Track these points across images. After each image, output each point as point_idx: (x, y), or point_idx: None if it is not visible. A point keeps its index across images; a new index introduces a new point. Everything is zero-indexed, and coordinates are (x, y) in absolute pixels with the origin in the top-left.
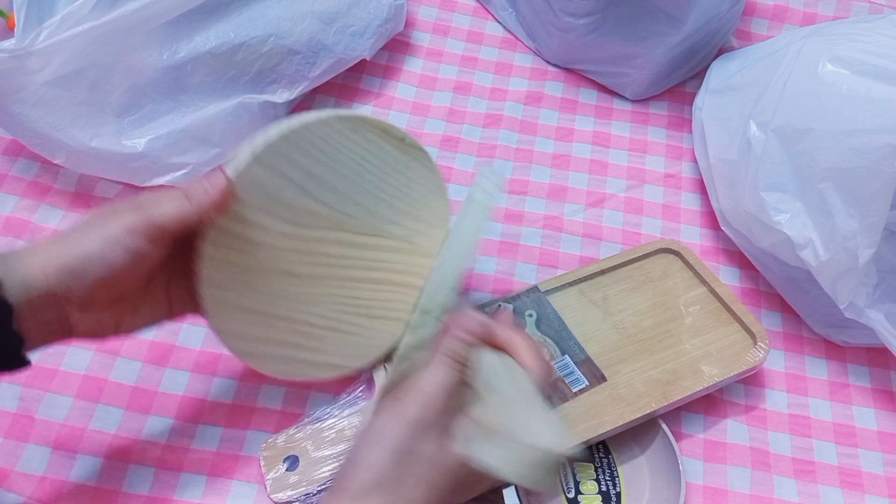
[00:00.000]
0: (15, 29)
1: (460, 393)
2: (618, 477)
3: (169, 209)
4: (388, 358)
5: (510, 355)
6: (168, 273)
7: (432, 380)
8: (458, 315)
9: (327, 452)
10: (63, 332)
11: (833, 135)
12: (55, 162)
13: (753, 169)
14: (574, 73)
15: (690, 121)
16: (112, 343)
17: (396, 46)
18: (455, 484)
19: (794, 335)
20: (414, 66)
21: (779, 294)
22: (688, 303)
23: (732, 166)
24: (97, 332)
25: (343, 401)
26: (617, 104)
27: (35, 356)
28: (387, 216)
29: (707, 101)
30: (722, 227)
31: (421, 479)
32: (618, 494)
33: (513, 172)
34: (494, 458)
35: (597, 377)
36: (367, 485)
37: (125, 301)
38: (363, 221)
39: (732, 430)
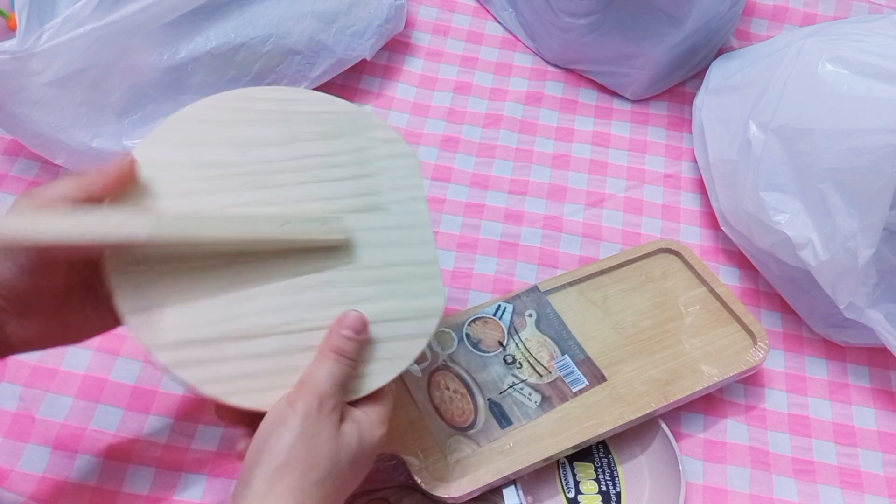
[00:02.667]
0: (17, 30)
1: (349, 382)
2: (618, 477)
3: (56, 191)
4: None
5: None
6: (87, 274)
7: (322, 373)
8: (343, 314)
9: None
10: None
11: (833, 135)
12: (56, 162)
13: (753, 169)
14: (574, 73)
15: (690, 121)
16: (112, 343)
17: (396, 46)
18: (352, 461)
19: (793, 335)
20: (414, 66)
21: (779, 294)
22: (688, 303)
23: (732, 166)
24: (36, 341)
25: None
26: (617, 104)
27: (35, 356)
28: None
29: (707, 101)
30: (722, 227)
31: (323, 458)
32: (618, 494)
33: (513, 172)
34: None
35: (597, 377)
36: (277, 467)
37: (53, 298)
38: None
39: (732, 429)
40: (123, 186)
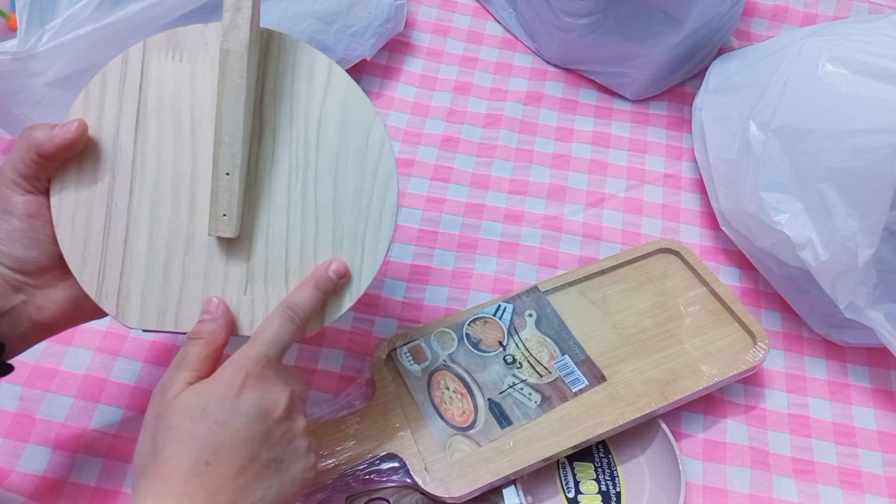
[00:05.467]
0: (17, 30)
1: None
2: (618, 477)
3: (15, 169)
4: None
5: None
6: None
7: (270, 328)
8: (316, 271)
9: (327, 451)
10: (36, 326)
11: (833, 135)
12: None
13: (753, 169)
14: (574, 73)
15: (690, 121)
16: (112, 343)
17: (396, 46)
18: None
19: (793, 335)
20: (414, 66)
21: (779, 294)
22: (687, 303)
23: (732, 166)
24: (69, 313)
25: (342, 400)
26: (617, 104)
27: (35, 356)
28: None
29: (707, 101)
30: (722, 227)
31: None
32: (618, 494)
33: (513, 172)
34: None
35: (597, 377)
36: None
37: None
38: None
39: (732, 429)
40: (73, 151)
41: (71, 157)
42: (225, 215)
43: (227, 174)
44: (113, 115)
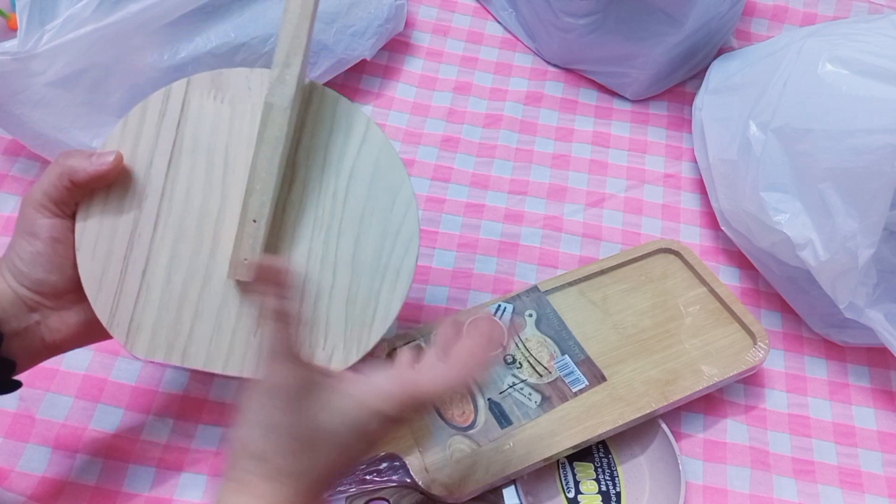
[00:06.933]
0: (18, 30)
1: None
2: (618, 477)
3: (47, 192)
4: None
5: None
6: None
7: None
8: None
9: None
10: (46, 346)
11: (833, 135)
12: None
13: (753, 169)
14: (574, 73)
15: (690, 121)
16: (112, 343)
17: (396, 46)
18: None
19: (793, 335)
20: (414, 66)
21: (779, 294)
22: (687, 303)
23: (732, 166)
24: (82, 333)
25: None
26: (617, 104)
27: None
28: None
29: (707, 101)
30: (722, 227)
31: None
32: (618, 494)
33: (513, 172)
34: None
35: (597, 377)
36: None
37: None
38: None
39: (732, 429)
40: (106, 181)
41: (102, 186)
42: (246, 260)
43: (254, 221)
44: (148, 148)
